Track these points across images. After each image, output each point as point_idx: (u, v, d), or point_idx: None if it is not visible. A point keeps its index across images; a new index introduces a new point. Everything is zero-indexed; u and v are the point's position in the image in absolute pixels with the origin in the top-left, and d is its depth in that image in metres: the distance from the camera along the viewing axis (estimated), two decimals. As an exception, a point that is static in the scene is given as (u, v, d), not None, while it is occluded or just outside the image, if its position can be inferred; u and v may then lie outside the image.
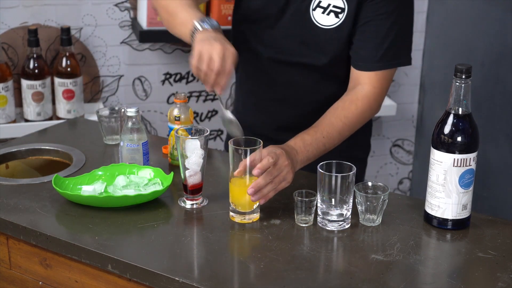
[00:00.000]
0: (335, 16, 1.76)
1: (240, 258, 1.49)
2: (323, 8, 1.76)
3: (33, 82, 2.59)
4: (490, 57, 2.71)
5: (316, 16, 1.77)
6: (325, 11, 1.77)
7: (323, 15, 1.77)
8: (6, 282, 1.67)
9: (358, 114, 1.75)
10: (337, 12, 1.76)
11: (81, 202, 1.63)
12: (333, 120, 1.73)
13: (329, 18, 1.76)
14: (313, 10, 1.77)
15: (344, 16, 1.75)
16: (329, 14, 1.76)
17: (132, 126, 1.75)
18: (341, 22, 1.76)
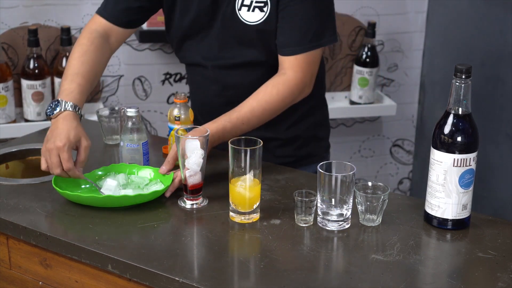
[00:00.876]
0: (260, 11, 1.80)
1: (240, 258, 1.49)
2: (247, 6, 1.81)
3: (33, 82, 2.59)
4: (490, 57, 2.71)
5: (243, 15, 1.81)
6: (249, 9, 1.81)
7: (249, 13, 1.81)
8: (6, 282, 1.67)
9: (279, 99, 1.80)
10: (261, 7, 1.80)
11: (81, 202, 1.63)
12: (255, 105, 1.79)
13: (255, 14, 1.81)
14: (239, 10, 1.81)
15: (269, 8, 1.80)
16: (254, 10, 1.80)
17: (132, 126, 1.75)
18: (267, 15, 1.80)
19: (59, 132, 1.67)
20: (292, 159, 1.96)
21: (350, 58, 3.00)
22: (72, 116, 1.71)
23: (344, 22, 2.94)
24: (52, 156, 1.65)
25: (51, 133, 1.69)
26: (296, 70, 1.80)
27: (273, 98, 1.79)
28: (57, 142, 1.65)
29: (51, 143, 1.66)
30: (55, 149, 1.65)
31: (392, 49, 3.05)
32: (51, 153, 1.65)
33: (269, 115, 1.82)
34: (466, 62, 1.89)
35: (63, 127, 1.68)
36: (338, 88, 3.04)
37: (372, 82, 2.93)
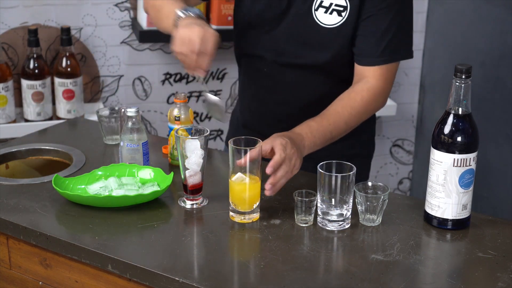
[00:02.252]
0: (338, 15, 1.76)
1: (240, 258, 1.49)
2: (325, 8, 1.77)
3: (33, 82, 2.59)
4: (490, 57, 2.71)
5: (319, 16, 1.77)
6: (327, 11, 1.77)
7: (325, 15, 1.77)
8: (6, 282, 1.67)
9: (363, 105, 1.76)
10: (340, 11, 1.76)
11: (81, 202, 1.63)
12: (339, 109, 1.75)
13: (332, 17, 1.77)
14: (316, 10, 1.77)
15: (347, 14, 1.76)
16: (332, 13, 1.77)
17: (132, 126, 1.75)
18: (344, 20, 1.76)
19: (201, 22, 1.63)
20: None
21: (350, 58, 3.00)
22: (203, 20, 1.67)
23: (344, 22, 2.94)
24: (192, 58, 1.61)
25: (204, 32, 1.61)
26: (379, 79, 1.77)
27: (358, 104, 1.75)
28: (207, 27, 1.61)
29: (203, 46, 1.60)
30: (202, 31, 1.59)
31: (392, 49, 3.05)
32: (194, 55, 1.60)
33: (355, 121, 1.77)
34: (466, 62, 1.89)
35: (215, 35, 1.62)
36: (338, 88, 3.04)
37: (372, 82, 2.93)
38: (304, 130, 1.68)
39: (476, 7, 2.76)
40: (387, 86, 1.80)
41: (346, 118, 1.74)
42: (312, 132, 1.68)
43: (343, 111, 1.74)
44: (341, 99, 1.77)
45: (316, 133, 1.69)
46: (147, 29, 2.66)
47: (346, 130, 1.77)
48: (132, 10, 2.76)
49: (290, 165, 1.58)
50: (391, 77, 1.81)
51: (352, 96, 1.76)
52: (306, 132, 1.68)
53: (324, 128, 1.71)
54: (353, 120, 1.76)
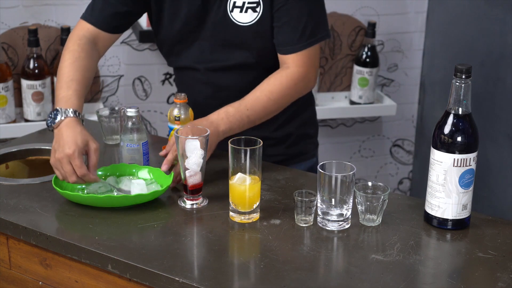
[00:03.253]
0: (253, 11, 1.81)
1: (240, 258, 1.49)
2: (239, 7, 1.82)
3: (33, 82, 2.59)
4: (490, 57, 2.71)
5: (235, 17, 1.82)
6: (242, 10, 1.82)
7: (241, 14, 1.82)
8: (6, 282, 1.67)
9: (282, 90, 1.82)
10: (254, 7, 1.81)
11: (81, 202, 1.63)
12: (258, 94, 1.81)
13: (247, 15, 1.82)
14: (231, 11, 1.82)
15: (261, 9, 1.81)
16: (247, 11, 1.82)
17: (132, 126, 1.75)
18: (260, 15, 1.81)
19: (66, 140, 1.65)
20: (283, 158, 1.98)
21: (350, 58, 3.00)
22: (75, 122, 1.70)
23: (344, 22, 2.94)
24: (64, 165, 1.64)
25: (57, 143, 1.67)
26: (298, 65, 1.83)
27: (277, 88, 1.81)
28: (66, 150, 1.63)
29: (60, 153, 1.64)
30: (65, 158, 1.63)
31: (392, 49, 3.05)
32: (62, 163, 1.64)
33: (275, 106, 1.83)
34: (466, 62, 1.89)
35: (68, 134, 1.66)
36: (338, 88, 3.04)
37: (372, 82, 2.93)
38: (221, 115, 1.77)
39: (476, 7, 2.76)
40: (308, 71, 1.85)
41: (264, 103, 1.81)
42: (228, 118, 1.77)
43: (262, 96, 1.81)
44: (261, 85, 1.83)
45: (233, 118, 1.77)
46: (147, 29, 2.66)
47: (266, 114, 1.83)
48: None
49: None
50: (310, 61, 1.85)
51: (271, 82, 1.82)
52: (222, 118, 1.76)
53: (241, 113, 1.78)
54: (272, 104, 1.82)
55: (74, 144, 1.64)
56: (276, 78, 1.82)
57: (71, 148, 1.64)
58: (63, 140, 1.66)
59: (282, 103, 1.85)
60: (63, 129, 1.68)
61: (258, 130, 1.86)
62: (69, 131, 1.67)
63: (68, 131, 1.67)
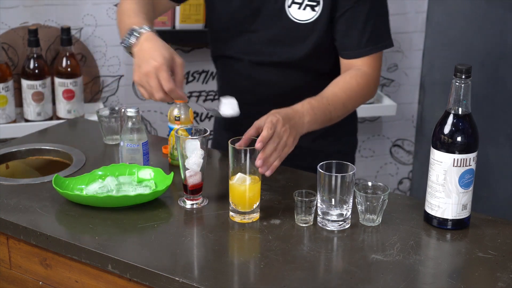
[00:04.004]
0: (312, 10, 1.79)
1: (240, 258, 1.49)
2: (298, 4, 1.79)
3: (33, 82, 2.59)
4: (490, 57, 2.71)
5: (292, 13, 1.79)
6: (300, 7, 1.79)
7: (299, 11, 1.79)
8: (6, 282, 1.67)
9: (359, 89, 1.78)
10: (313, 6, 1.78)
11: (81, 202, 1.63)
12: (337, 91, 1.75)
13: (305, 12, 1.79)
14: (289, 7, 1.79)
15: (320, 8, 1.78)
16: (305, 9, 1.79)
17: (132, 126, 1.75)
18: (318, 15, 1.79)
19: (151, 53, 1.53)
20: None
21: (350, 58, 3.00)
22: (155, 36, 1.58)
23: (344, 22, 2.94)
24: (150, 79, 1.51)
25: (140, 58, 1.54)
26: (369, 67, 1.80)
27: (354, 87, 1.77)
28: (153, 63, 1.51)
29: (146, 66, 1.51)
30: (152, 70, 1.51)
31: (392, 49, 3.05)
32: (149, 76, 1.51)
33: (351, 104, 1.78)
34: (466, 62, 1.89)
35: (152, 47, 1.54)
36: (338, 88, 3.04)
37: (372, 82, 2.93)
38: (305, 106, 1.68)
39: (476, 7, 2.76)
40: (377, 75, 1.83)
41: (344, 100, 1.75)
42: (313, 109, 1.68)
43: (341, 93, 1.75)
44: (337, 82, 1.78)
45: (317, 111, 1.69)
46: (147, 29, 2.66)
47: (344, 112, 1.78)
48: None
49: (280, 142, 1.58)
50: (378, 66, 1.83)
51: (347, 80, 1.77)
52: (307, 109, 1.67)
53: (325, 106, 1.71)
54: (350, 103, 1.77)
55: (161, 57, 1.52)
56: (351, 77, 1.77)
57: (158, 60, 1.52)
58: (148, 53, 1.54)
59: (358, 103, 1.80)
60: (144, 44, 1.56)
61: None
62: (153, 44, 1.56)
63: (151, 44, 1.56)
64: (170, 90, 1.53)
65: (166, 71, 1.52)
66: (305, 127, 1.67)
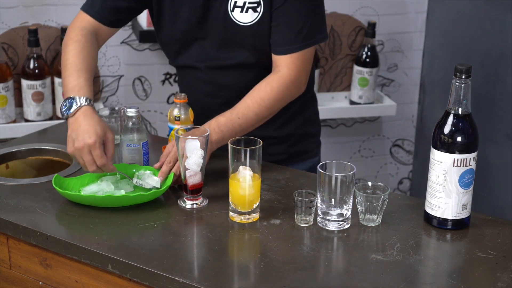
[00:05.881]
0: (254, 11, 1.81)
1: (240, 258, 1.49)
2: (240, 7, 1.81)
3: (33, 82, 2.59)
4: (490, 57, 2.71)
5: (236, 16, 1.82)
6: (243, 10, 1.81)
7: (242, 14, 1.82)
8: (6, 282, 1.67)
9: (274, 95, 1.81)
10: (254, 7, 1.81)
11: (81, 202, 1.63)
12: (249, 102, 1.80)
13: (248, 15, 1.81)
14: (232, 11, 1.82)
15: (262, 9, 1.81)
16: (248, 11, 1.81)
17: (132, 126, 1.75)
18: (260, 15, 1.81)
19: (85, 129, 1.64)
20: (285, 157, 1.98)
21: (350, 58, 3.00)
22: (91, 111, 1.68)
23: (344, 22, 2.94)
24: (84, 154, 1.63)
25: (76, 132, 1.65)
26: (290, 68, 1.82)
27: (268, 95, 1.80)
28: (87, 140, 1.63)
29: (80, 142, 1.63)
30: (86, 147, 1.63)
31: (392, 49, 3.05)
32: (82, 152, 1.63)
33: (266, 111, 1.82)
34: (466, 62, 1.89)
35: (87, 123, 1.65)
36: (338, 88, 3.04)
37: (372, 82, 2.93)
38: (212, 126, 1.75)
39: (476, 7, 2.76)
40: (299, 75, 1.84)
41: (256, 110, 1.80)
42: (220, 127, 1.76)
43: (253, 103, 1.80)
44: (252, 92, 1.82)
45: (224, 128, 1.76)
46: (147, 29, 2.66)
47: (258, 121, 1.82)
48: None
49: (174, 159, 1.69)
50: (303, 65, 1.84)
51: (262, 88, 1.81)
52: (214, 128, 1.75)
53: (233, 122, 1.77)
54: (264, 111, 1.81)
55: (94, 134, 1.64)
56: (266, 84, 1.81)
57: (92, 138, 1.63)
58: (82, 129, 1.65)
59: (274, 109, 1.83)
60: (80, 118, 1.67)
61: (260, 129, 1.86)
62: (88, 120, 1.66)
63: (86, 120, 1.66)
64: (102, 165, 1.65)
65: (99, 148, 1.64)
66: (213, 146, 1.75)
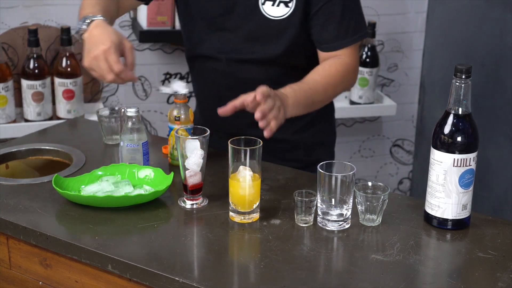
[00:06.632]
0: (285, 6, 1.80)
1: (240, 258, 1.49)
2: (272, 1, 1.80)
3: (33, 82, 2.59)
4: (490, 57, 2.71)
5: (266, 9, 1.80)
6: (274, 3, 1.80)
7: (273, 7, 1.80)
8: (6, 282, 1.67)
9: (339, 75, 1.81)
10: (286, 2, 1.80)
11: (81, 202, 1.63)
12: (317, 77, 1.79)
13: (279, 9, 1.80)
14: (263, 4, 1.80)
15: (294, 4, 1.79)
16: (279, 5, 1.80)
17: (132, 126, 1.75)
18: (291, 11, 1.80)
19: (100, 38, 1.61)
20: (300, 165, 1.94)
21: (350, 58, 3.00)
22: (105, 23, 1.66)
23: (344, 22, 2.94)
24: (100, 62, 1.59)
25: (90, 43, 1.62)
26: (349, 56, 1.83)
27: (333, 73, 1.80)
28: (101, 46, 1.59)
29: (95, 50, 1.59)
30: (101, 54, 1.59)
31: (392, 49, 3.05)
32: (98, 60, 1.59)
33: (332, 90, 1.81)
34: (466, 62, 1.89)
35: (101, 32, 1.62)
36: (338, 88, 3.04)
37: (372, 82, 2.93)
38: (287, 90, 1.71)
39: (476, 7, 2.76)
40: (356, 63, 1.86)
41: (324, 85, 1.79)
42: (295, 92, 1.71)
43: (320, 79, 1.79)
44: (316, 70, 1.81)
45: (299, 94, 1.72)
46: (147, 29, 2.66)
47: (325, 97, 1.81)
48: (132, 10, 2.75)
49: (276, 103, 1.60)
50: (356, 55, 1.87)
51: (327, 68, 1.81)
52: (289, 91, 1.70)
53: (305, 91, 1.75)
54: (330, 88, 1.80)
55: (109, 41, 1.60)
56: (330, 65, 1.81)
57: (106, 44, 1.60)
58: (96, 38, 1.62)
59: (338, 90, 1.83)
60: (94, 30, 1.64)
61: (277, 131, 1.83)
62: (102, 30, 1.63)
63: (100, 30, 1.63)
64: (119, 71, 1.59)
65: (114, 53, 1.59)
66: (288, 109, 1.68)
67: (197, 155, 1.60)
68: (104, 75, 1.60)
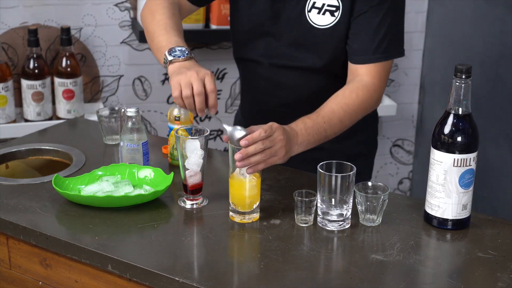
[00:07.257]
0: (331, 15, 1.77)
1: (240, 258, 1.49)
2: (318, 9, 1.77)
3: (33, 82, 2.59)
4: (490, 57, 2.71)
5: (312, 17, 1.78)
6: (320, 11, 1.77)
7: (319, 16, 1.77)
8: (6, 282, 1.67)
9: (359, 103, 1.74)
10: (332, 11, 1.76)
11: (81, 202, 1.63)
12: (334, 106, 1.72)
13: (325, 17, 1.77)
14: (309, 11, 1.78)
15: (340, 13, 1.76)
16: (325, 14, 1.77)
17: (132, 126, 1.75)
18: (337, 20, 1.77)
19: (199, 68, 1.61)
20: None
21: (350, 58, 3.00)
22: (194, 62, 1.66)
23: (344, 22, 2.94)
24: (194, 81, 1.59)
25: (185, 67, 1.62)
26: (374, 77, 1.76)
27: (353, 101, 1.73)
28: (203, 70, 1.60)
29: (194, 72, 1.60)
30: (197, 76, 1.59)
31: (392, 49, 3.05)
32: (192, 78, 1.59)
33: (349, 119, 1.74)
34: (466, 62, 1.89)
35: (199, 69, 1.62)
36: (338, 88, 3.04)
37: (372, 82, 2.93)
38: (299, 126, 1.65)
39: (476, 7, 2.76)
40: (381, 84, 1.79)
41: (341, 116, 1.72)
42: (306, 130, 1.65)
43: (338, 109, 1.72)
44: (336, 97, 1.74)
45: (311, 131, 1.66)
46: (147, 29, 2.66)
47: (341, 128, 1.74)
48: (132, 10, 2.76)
49: (272, 148, 1.55)
50: (385, 75, 1.79)
51: (347, 94, 1.74)
52: (301, 129, 1.65)
53: (319, 126, 1.68)
54: (347, 118, 1.73)
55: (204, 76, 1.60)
56: (351, 90, 1.74)
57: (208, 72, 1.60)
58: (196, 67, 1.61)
59: (357, 117, 1.76)
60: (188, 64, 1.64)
61: None
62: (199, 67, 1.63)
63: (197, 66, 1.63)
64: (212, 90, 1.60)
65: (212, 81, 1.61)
66: (296, 148, 1.64)
67: (197, 155, 1.60)
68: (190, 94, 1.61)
